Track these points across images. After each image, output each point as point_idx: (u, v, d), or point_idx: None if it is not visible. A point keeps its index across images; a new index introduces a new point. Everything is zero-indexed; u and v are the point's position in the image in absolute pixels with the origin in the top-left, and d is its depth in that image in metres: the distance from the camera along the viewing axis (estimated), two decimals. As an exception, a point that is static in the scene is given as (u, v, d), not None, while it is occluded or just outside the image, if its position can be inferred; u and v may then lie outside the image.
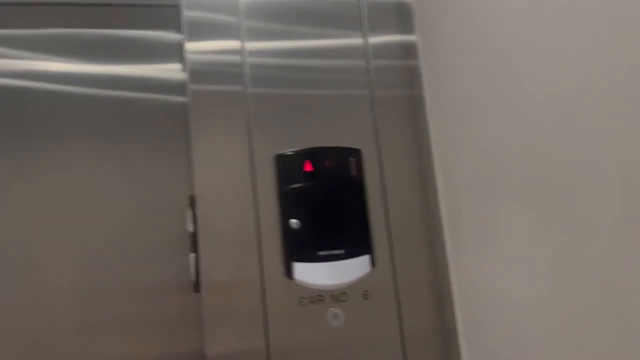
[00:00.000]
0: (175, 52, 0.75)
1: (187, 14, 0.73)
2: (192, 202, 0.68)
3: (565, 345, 0.50)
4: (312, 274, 0.67)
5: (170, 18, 0.74)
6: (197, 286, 0.66)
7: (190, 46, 0.71)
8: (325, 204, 0.69)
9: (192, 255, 0.67)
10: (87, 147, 0.70)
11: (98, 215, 0.69)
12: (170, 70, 0.75)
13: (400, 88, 0.76)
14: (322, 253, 0.67)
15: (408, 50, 0.77)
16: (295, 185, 0.69)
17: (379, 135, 0.74)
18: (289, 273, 0.67)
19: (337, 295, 0.68)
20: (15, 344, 0.64)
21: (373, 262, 0.70)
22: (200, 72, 0.71)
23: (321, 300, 0.68)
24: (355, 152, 0.72)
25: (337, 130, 0.72)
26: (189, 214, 0.68)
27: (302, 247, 0.67)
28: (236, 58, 0.72)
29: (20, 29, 0.72)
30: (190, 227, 0.68)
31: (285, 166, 0.69)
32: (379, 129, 0.74)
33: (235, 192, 0.68)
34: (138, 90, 0.73)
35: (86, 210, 0.68)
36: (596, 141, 0.44)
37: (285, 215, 0.68)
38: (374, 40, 0.76)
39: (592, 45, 0.44)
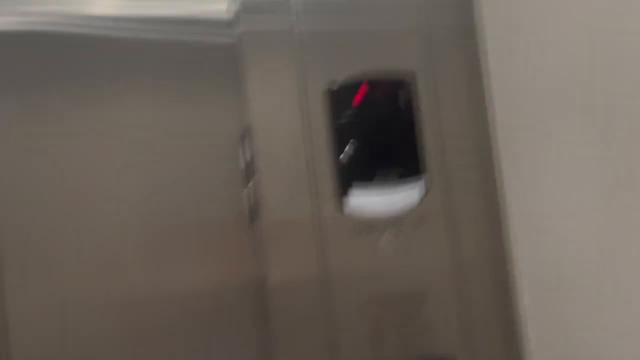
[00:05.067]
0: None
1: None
2: (245, 135, 0.69)
3: (624, 271, 0.48)
4: (365, 201, 0.67)
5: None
6: (252, 217, 0.68)
7: (238, -17, 0.71)
8: (378, 131, 0.68)
9: (247, 187, 0.69)
10: (139, 88, 0.71)
11: (154, 152, 0.71)
12: (218, 11, 0.74)
13: (455, 19, 0.74)
14: (375, 181, 0.67)
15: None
16: (348, 114, 0.68)
17: (433, 65, 0.72)
18: (342, 202, 0.67)
19: (391, 222, 0.68)
20: (87, 267, 0.68)
21: (426, 189, 0.69)
22: (248, 10, 0.70)
23: (375, 227, 0.68)
24: (410, 76, 0.70)
25: (390, 62, 0.71)
26: (242, 146, 0.69)
27: (354, 175, 0.67)
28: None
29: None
30: (243, 160, 0.69)
31: (337, 96, 0.69)
32: (433, 60, 0.72)
33: (288, 124, 0.69)
34: (186, 31, 0.74)
35: (142, 148, 0.71)
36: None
37: (337, 143, 0.68)
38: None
39: None
